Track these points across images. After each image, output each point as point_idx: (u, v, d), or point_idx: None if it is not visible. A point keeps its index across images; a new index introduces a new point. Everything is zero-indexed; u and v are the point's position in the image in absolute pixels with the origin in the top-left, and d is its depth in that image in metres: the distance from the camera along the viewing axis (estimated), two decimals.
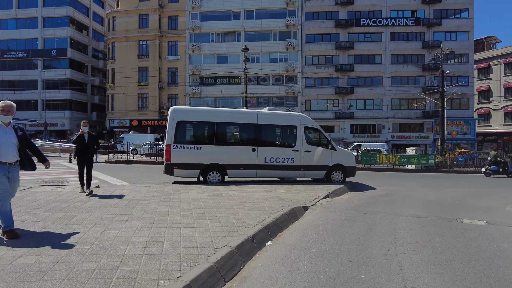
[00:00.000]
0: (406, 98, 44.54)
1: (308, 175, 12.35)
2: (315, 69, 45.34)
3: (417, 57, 44.97)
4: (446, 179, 17.12)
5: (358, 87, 44.79)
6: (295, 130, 12.17)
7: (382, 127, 44.63)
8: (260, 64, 45.68)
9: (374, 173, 19.76)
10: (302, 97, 45.42)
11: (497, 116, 52.53)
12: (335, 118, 44.81)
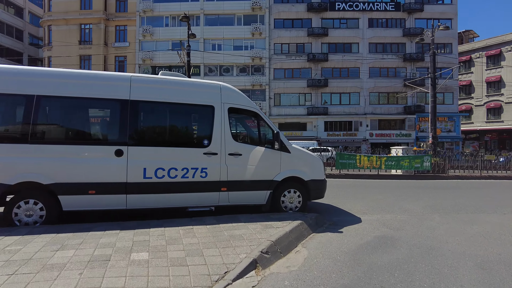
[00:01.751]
0: (385, 91, 39.91)
1: (235, 200, 6.57)
2: (285, 59, 39.93)
3: (398, 46, 40.46)
4: (458, 191, 11.89)
5: (333, 80, 39.74)
6: (211, 114, 6.41)
7: (360, 124, 39.78)
8: (222, 52, 39.77)
9: (354, 182, 14.33)
10: (270, 90, 39.88)
11: (479, 112, 49.13)
12: (308, 114, 39.57)
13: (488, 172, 17.86)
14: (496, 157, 19.01)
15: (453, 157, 20.21)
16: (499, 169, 18.24)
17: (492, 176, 17.29)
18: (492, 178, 17.18)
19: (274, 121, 39.13)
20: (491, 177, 17.26)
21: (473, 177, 17.04)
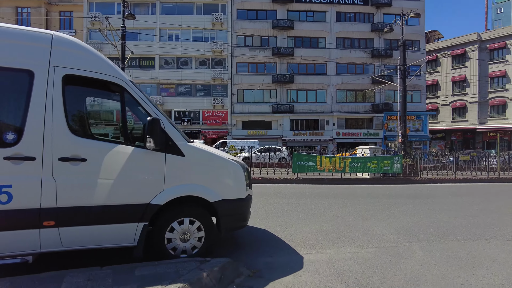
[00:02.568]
0: (353, 89, 38.21)
1: (75, 241, 3.61)
2: (249, 52, 37.26)
3: (366, 41, 38.91)
4: (436, 201, 9.67)
5: (299, 75, 37.54)
6: (25, 85, 3.47)
7: (326, 123, 37.84)
8: (180, 43, 36.51)
9: (312, 189, 11.83)
10: (233, 86, 37.06)
11: (445, 112, 48.89)
12: (273, 112, 37.13)
13: (463, 174, 16.02)
14: (471, 157, 17.28)
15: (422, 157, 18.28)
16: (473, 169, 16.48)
17: (467, 178, 15.43)
18: (468, 181, 15.31)
19: (238, 119, 36.46)
20: (466, 180, 15.38)
21: (447, 180, 15.06)
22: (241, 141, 27.81)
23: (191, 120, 36.31)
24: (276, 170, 14.27)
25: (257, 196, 9.44)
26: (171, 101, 36.65)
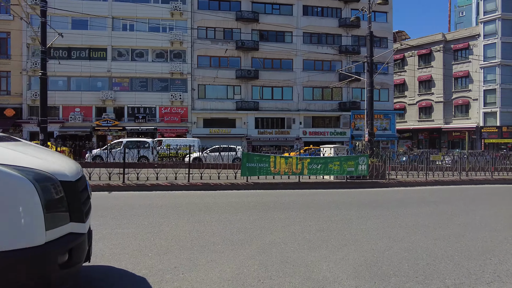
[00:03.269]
0: (320, 86, 36.71)
1: None
2: (211, 45, 34.80)
3: (333, 37, 37.54)
4: (408, 212, 7.88)
5: (264, 71, 35.53)
6: None
7: (293, 121, 36.09)
8: (135, 33, 33.44)
9: (260, 198, 9.76)
10: (193, 80, 34.43)
11: (412, 111, 48.78)
12: (237, 109, 34.87)
13: (434, 176, 14.50)
14: (443, 157, 15.85)
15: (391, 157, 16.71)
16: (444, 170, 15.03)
17: (439, 181, 13.89)
18: (439, 184, 13.76)
19: (199, 116, 33.99)
20: (438, 182, 13.83)
21: (418, 183, 13.42)
22: (179, 139, 25.45)
23: (146, 117, 33.31)
24: (223, 173, 11.98)
25: (176, 211, 7.12)
26: (125, 96, 33.48)
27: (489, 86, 42.02)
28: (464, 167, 15.53)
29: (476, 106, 42.76)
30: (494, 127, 41.09)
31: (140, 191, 10.10)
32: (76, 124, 32.55)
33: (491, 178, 15.21)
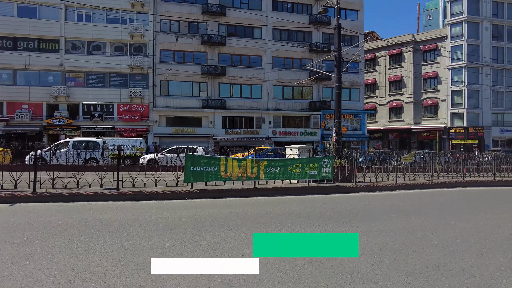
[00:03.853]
0: (290, 85, 35.44)
1: None
2: (174, 39, 32.67)
3: (304, 34, 36.41)
4: (377, 229, 6.47)
5: (232, 68, 33.82)
6: None
7: (262, 121, 34.61)
8: (91, 24, 30.80)
9: (202, 209, 8.15)
10: (156, 76, 32.18)
11: (383, 111, 48.64)
12: (203, 107, 32.94)
13: (405, 179, 13.33)
14: (414, 158, 14.74)
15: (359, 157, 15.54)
16: (409, 171, 13.91)
17: (410, 185, 12.72)
18: (410, 187, 12.59)
19: (161, 115, 31.85)
20: (409, 186, 12.66)
21: (387, 187, 12.16)
22: (118, 139, 23.37)
23: (103, 115, 30.72)
24: (162, 179, 10.15)
25: (68, 235, 5.19)
26: (80, 93, 30.75)
27: (456, 87, 42.40)
28: (435, 168, 14.52)
29: (445, 107, 43.05)
30: (461, 128, 41.46)
31: (52, 202, 8.13)
32: (23, 123, 29.48)
33: (462, 180, 14.28)
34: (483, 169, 16.40)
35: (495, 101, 43.10)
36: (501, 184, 14.74)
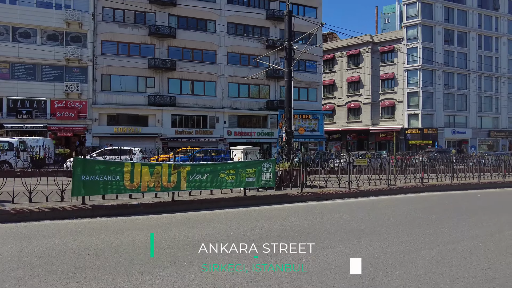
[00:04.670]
0: (246, 82, 33.55)
1: None
2: (118, 29, 29.63)
3: (261, 30, 34.71)
4: (323, 258, 4.36)
5: (183, 62, 31.30)
6: None
7: (216, 120, 32.40)
8: (18, 7, 26.97)
9: (84, 236, 5.98)
10: (96, 69, 28.91)
11: (341, 112, 48.23)
12: (150, 104, 30.12)
13: (359, 184, 11.80)
14: (369, 160, 13.28)
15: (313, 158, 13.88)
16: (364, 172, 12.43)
17: (364, 191, 11.19)
18: (364, 195, 11.06)
19: (102, 112, 28.73)
20: (362, 192, 11.12)
21: (338, 194, 10.51)
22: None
23: (33, 112, 26.99)
24: (40, 192, 7.66)
25: None
26: (3, 86, 26.79)
27: (412, 89, 42.80)
28: (391, 170, 13.17)
29: (401, 108, 43.31)
30: (417, 129, 41.86)
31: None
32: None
33: (421, 185, 13.05)
34: (440, 170, 15.39)
35: (447, 103, 44.06)
36: (458, 188, 13.72)
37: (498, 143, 47.50)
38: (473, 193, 12.82)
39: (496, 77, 47.70)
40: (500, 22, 48.41)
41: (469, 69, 45.37)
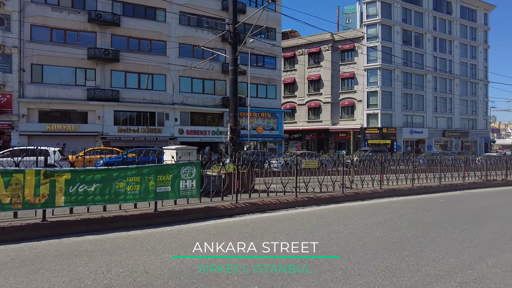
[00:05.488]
0: (200, 77, 31.18)
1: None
2: (51, 12, 26.11)
3: (215, 21, 32.39)
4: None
5: (128, 53, 28.31)
6: None
7: (166, 117, 29.71)
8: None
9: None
10: (23, 58, 25.21)
11: (302, 111, 47.10)
12: (89, 99, 26.85)
13: (308, 190, 9.97)
14: (320, 162, 11.52)
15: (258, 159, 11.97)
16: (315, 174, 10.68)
17: (315, 199, 9.39)
18: (314, 203, 9.25)
19: (31, 107, 25.19)
20: (312, 200, 9.31)
21: (283, 203, 8.62)
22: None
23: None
24: None
25: None
26: None
27: (371, 88, 42.47)
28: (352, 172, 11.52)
29: (361, 108, 42.85)
30: (376, 129, 41.57)
31: None
32: None
33: (380, 189, 11.52)
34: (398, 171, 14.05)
35: (405, 103, 44.27)
36: (419, 192, 12.39)
37: (452, 143, 48.67)
38: (435, 197, 11.49)
39: (450, 79, 48.84)
40: (453, 25, 49.66)
41: (426, 70, 45.99)
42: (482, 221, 7.66)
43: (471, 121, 51.74)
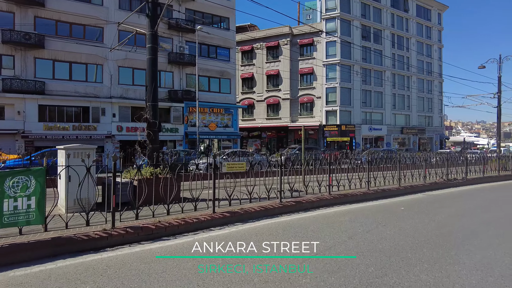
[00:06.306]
0: (143, 67, 27.85)
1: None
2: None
3: (161, 8, 29.21)
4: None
5: (56, 39, 24.54)
6: None
7: (102, 113, 26.23)
8: None
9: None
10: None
11: (261, 108, 44.98)
12: (5, 90, 22.87)
13: (261, 200, 7.61)
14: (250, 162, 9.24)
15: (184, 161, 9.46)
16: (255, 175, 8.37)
17: (240, 213, 7.01)
18: (240, 220, 6.87)
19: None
20: (237, 216, 6.92)
21: (189, 225, 6.13)
22: None
23: None
24: None
25: None
26: None
27: (330, 84, 41.22)
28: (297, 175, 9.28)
29: (320, 104, 41.47)
30: (335, 126, 40.36)
31: None
32: None
33: (327, 195, 9.41)
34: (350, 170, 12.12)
35: (364, 100, 43.53)
36: (376, 197, 10.48)
37: (410, 140, 48.81)
38: (395, 204, 9.58)
39: (407, 76, 48.92)
40: (410, 23, 49.82)
41: (384, 67, 45.57)
42: (457, 243, 5.66)
43: (428, 118, 52.33)
